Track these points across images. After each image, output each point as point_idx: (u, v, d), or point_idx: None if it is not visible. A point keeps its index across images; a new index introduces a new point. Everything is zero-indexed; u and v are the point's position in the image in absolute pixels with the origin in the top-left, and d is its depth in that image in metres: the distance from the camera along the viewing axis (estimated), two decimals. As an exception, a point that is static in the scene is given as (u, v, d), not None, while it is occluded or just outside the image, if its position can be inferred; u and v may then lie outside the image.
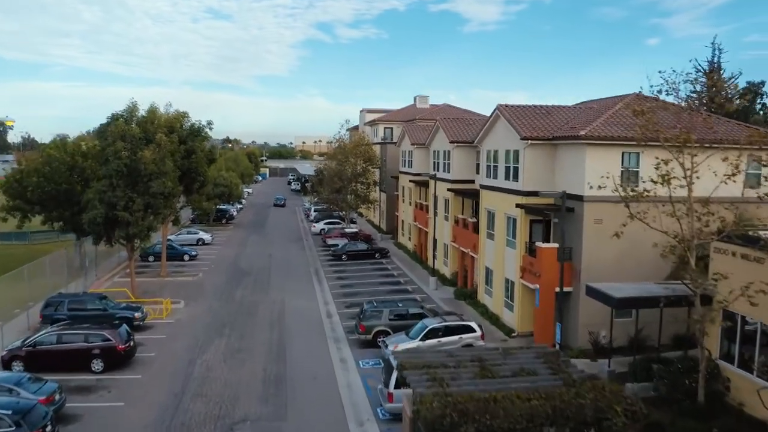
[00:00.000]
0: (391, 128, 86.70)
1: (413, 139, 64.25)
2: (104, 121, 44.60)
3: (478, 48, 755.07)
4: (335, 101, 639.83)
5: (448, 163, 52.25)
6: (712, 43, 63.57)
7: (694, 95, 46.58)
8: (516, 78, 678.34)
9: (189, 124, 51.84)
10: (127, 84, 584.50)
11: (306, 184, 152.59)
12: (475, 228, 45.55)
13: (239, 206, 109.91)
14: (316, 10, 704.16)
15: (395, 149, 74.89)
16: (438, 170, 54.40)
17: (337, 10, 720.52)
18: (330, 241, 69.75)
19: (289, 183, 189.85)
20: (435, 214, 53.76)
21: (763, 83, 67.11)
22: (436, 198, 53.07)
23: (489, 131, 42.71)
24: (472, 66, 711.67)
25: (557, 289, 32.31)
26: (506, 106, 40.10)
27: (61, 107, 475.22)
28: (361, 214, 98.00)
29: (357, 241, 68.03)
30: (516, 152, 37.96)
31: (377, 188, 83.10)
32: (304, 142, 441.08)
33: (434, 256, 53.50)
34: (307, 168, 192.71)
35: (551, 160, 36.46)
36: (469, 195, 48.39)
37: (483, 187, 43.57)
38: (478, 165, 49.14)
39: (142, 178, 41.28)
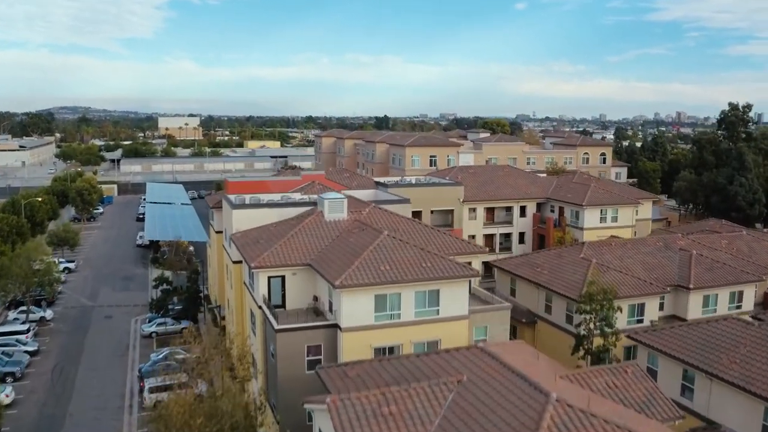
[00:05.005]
0: (282, 278, 46.64)
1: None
2: None
3: (351, 9, 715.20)
4: (204, 65, 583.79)
5: None
6: None
7: None
8: (390, 41, 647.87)
9: None
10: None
11: (160, 250, 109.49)
12: None
13: (29, 351, 66.71)
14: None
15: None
16: None
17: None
18: None
19: (138, 218, 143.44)
20: None
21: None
22: None
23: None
24: (344, 29, 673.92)
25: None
26: None
27: None
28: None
29: None
30: None
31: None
32: (167, 129, 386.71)
33: None
34: (165, 195, 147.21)
35: None
36: None
37: None
38: None
39: None
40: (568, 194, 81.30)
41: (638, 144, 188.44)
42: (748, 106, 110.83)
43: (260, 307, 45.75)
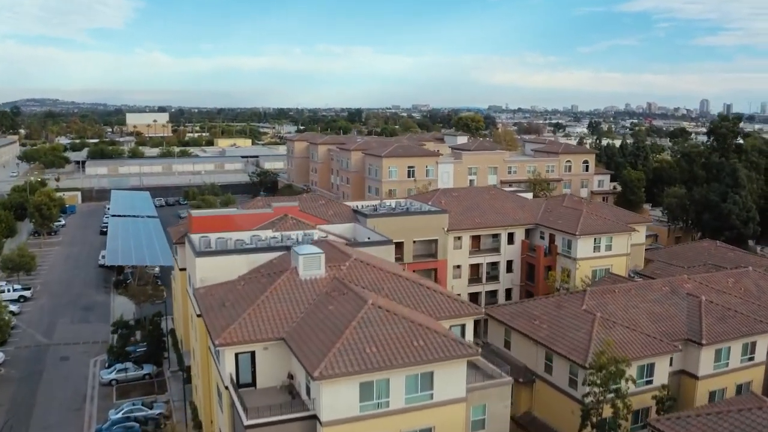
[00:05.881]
0: (252, 354, 40.86)
1: None
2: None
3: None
4: (176, 55, 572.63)
5: None
6: None
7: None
8: (360, 31, 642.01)
9: None
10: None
11: (126, 273, 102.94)
12: None
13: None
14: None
15: None
16: None
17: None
18: None
19: (102, 231, 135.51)
20: None
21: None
22: None
23: None
24: (316, 18, 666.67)
25: None
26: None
27: None
28: None
29: None
30: None
31: None
32: (135, 126, 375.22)
33: None
34: (130, 206, 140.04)
35: None
36: None
37: None
38: None
39: None
40: (559, 220, 76.28)
41: (617, 143, 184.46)
42: (738, 117, 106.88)
43: (227, 387, 40.03)
